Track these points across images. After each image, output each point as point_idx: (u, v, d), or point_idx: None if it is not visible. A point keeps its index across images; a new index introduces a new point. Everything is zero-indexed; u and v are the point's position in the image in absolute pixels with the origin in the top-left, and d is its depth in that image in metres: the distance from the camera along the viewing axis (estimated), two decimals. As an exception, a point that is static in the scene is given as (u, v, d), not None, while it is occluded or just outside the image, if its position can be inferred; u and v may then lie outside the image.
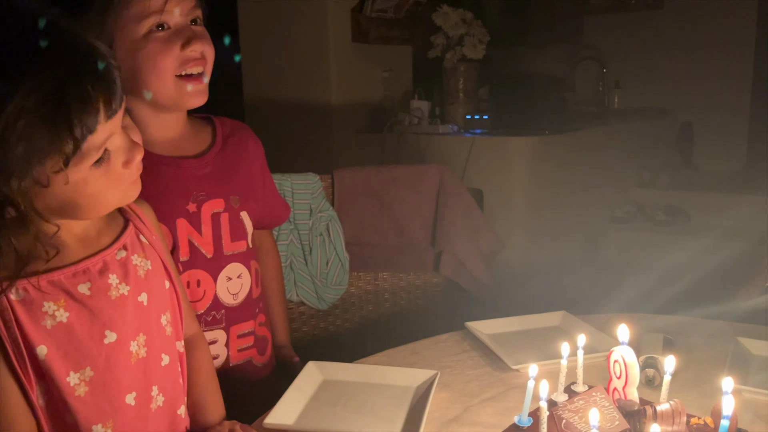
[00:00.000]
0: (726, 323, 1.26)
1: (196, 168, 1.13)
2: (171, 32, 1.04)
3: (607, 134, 2.97)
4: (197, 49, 1.05)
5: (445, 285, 1.81)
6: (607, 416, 0.85)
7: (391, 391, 1.02)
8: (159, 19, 1.02)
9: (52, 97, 0.67)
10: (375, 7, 2.68)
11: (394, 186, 1.75)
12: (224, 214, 1.14)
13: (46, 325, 0.75)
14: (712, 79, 3.35)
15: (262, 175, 1.28)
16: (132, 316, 0.82)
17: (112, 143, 0.75)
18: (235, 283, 1.16)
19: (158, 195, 1.03)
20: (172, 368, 0.88)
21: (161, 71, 1.03)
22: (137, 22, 1.01)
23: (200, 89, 1.08)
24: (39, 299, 0.74)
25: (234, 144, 1.20)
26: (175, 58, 1.04)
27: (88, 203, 0.76)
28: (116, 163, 0.77)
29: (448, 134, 2.56)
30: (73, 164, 0.71)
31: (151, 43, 1.02)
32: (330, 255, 1.62)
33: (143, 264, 0.85)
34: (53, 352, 0.75)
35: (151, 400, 0.84)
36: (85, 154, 0.71)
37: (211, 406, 0.95)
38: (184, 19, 1.05)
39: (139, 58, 1.02)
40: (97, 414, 0.78)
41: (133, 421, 0.82)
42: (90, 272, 0.79)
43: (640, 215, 3.03)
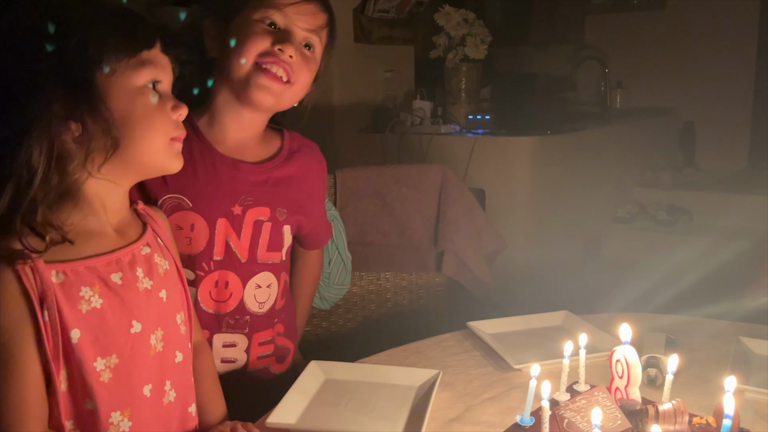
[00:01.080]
0: (728, 323, 1.26)
1: (252, 174, 1.14)
2: (276, 30, 1.09)
3: (609, 134, 2.97)
4: (287, 51, 1.08)
5: (447, 285, 1.81)
6: (609, 416, 0.85)
7: (393, 390, 1.03)
8: (274, 14, 1.09)
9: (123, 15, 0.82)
10: (377, 8, 2.68)
11: (396, 186, 1.75)
12: (267, 224, 1.15)
13: (82, 310, 0.77)
14: (715, 78, 3.35)
15: (320, 198, 1.30)
16: (154, 310, 0.85)
17: (163, 85, 0.84)
18: (263, 292, 1.16)
19: (209, 190, 1.08)
20: (185, 366, 0.90)
21: (244, 51, 1.07)
22: (255, 8, 1.09)
23: (270, 87, 1.09)
24: (77, 283, 0.77)
25: (298, 160, 1.21)
26: (263, 46, 1.08)
27: (141, 120, 0.81)
28: (167, 102, 0.84)
29: (450, 134, 2.56)
30: (133, 67, 0.80)
31: (256, 27, 1.08)
32: (332, 255, 1.62)
33: (162, 263, 0.88)
34: (85, 337, 0.77)
35: (164, 394, 0.86)
36: (143, 63, 0.80)
37: (213, 408, 0.97)
38: (296, 30, 1.10)
39: (239, 37, 1.08)
40: (118, 401, 0.80)
41: (148, 412, 0.83)
42: (122, 263, 0.82)
43: (642, 215, 3.03)
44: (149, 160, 0.84)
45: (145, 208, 0.92)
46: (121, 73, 0.78)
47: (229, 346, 1.14)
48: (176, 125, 0.85)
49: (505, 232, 2.02)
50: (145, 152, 0.82)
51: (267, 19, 1.08)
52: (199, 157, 1.11)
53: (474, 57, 2.63)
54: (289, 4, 1.08)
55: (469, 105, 2.72)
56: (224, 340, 1.13)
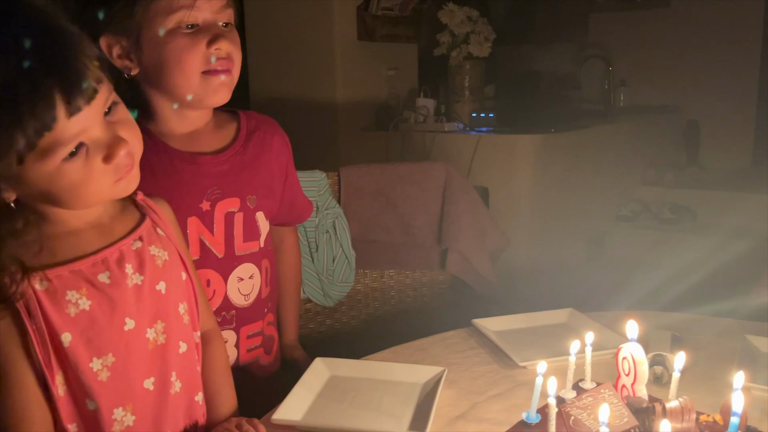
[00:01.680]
0: (734, 321, 1.26)
1: (214, 165, 1.10)
2: (198, 29, 1.02)
3: (612, 132, 2.96)
4: (223, 48, 1.03)
5: (451, 282, 1.81)
6: (615, 413, 0.85)
7: (398, 387, 1.02)
8: (188, 14, 1.01)
9: (5, 90, 0.65)
10: (381, 5, 2.68)
11: (400, 183, 1.75)
12: (239, 214, 1.12)
13: (70, 313, 0.76)
14: (718, 76, 3.34)
15: (285, 173, 1.24)
16: (148, 305, 0.83)
17: (89, 136, 0.73)
18: (246, 283, 1.15)
19: (172, 191, 1.02)
20: (189, 356, 0.89)
21: (186, 67, 1.02)
22: (165, 16, 1.00)
23: (224, 83, 1.06)
24: (62, 288, 0.76)
25: (257, 140, 1.17)
26: (201, 55, 1.02)
27: (66, 196, 0.75)
28: (95, 158, 0.74)
29: (453, 132, 2.55)
30: (35, 159, 0.69)
31: (178, 38, 1.01)
32: (336, 252, 1.62)
33: (160, 254, 0.86)
34: (77, 339, 0.76)
35: (170, 385, 0.85)
36: (48, 149, 0.69)
37: (224, 400, 0.96)
38: (214, 17, 1.03)
39: (165, 52, 1.01)
40: (119, 398, 0.80)
41: (152, 405, 0.83)
42: (108, 262, 0.80)
43: (645, 213, 3.02)
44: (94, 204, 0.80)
45: (145, 199, 0.90)
46: (23, 169, 0.70)
47: None
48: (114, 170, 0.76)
49: (509, 229, 2.02)
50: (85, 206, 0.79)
51: (182, 23, 1.01)
52: (155, 158, 1.05)
53: (478, 55, 2.62)
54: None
55: (473, 103, 2.72)
56: None
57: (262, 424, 0.88)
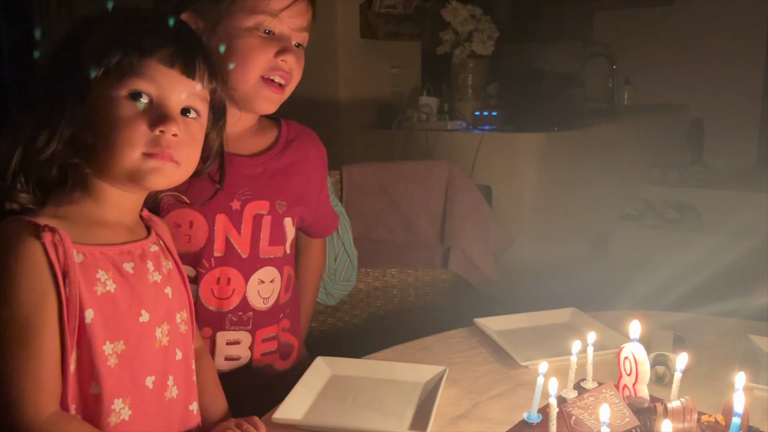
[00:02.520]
0: (737, 320, 1.26)
1: (248, 167, 1.13)
2: (273, 37, 1.06)
3: (616, 131, 2.95)
4: (289, 61, 1.07)
5: (454, 281, 1.81)
6: (617, 413, 0.84)
7: (400, 386, 1.02)
8: (269, 20, 1.05)
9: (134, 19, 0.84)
10: (383, 3, 2.68)
11: (402, 182, 1.74)
12: (267, 217, 1.14)
13: (97, 291, 0.79)
14: (723, 75, 3.33)
15: (320, 184, 1.27)
16: (161, 303, 0.86)
17: (161, 98, 0.82)
18: (267, 287, 1.15)
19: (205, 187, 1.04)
20: (185, 364, 0.90)
21: (249, 67, 1.06)
22: (247, 15, 1.04)
23: (276, 98, 1.10)
24: (95, 265, 0.79)
25: (295, 149, 1.20)
26: (266, 60, 1.06)
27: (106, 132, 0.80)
28: (146, 115, 0.81)
29: (456, 131, 2.55)
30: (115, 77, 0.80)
31: (252, 38, 1.05)
32: (338, 251, 1.62)
33: (166, 263, 0.90)
34: (97, 318, 0.78)
35: (166, 388, 0.87)
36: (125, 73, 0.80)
37: (215, 406, 0.97)
38: (290, 33, 1.08)
39: (234, 46, 1.05)
40: (121, 388, 0.81)
41: (149, 404, 0.84)
42: (133, 254, 0.85)
43: (649, 212, 3.01)
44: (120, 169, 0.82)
45: (150, 215, 0.94)
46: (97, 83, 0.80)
47: (233, 344, 1.13)
48: (151, 141, 0.81)
49: (512, 229, 2.02)
50: (115, 161, 0.82)
51: (261, 27, 1.05)
52: None
53: (481, 53, 2.62)
54: (284, 8, 1.06)
55: (476, 101, 2.71)
56: (228, 338, 1.12)
57: (262, 423, 0.88)
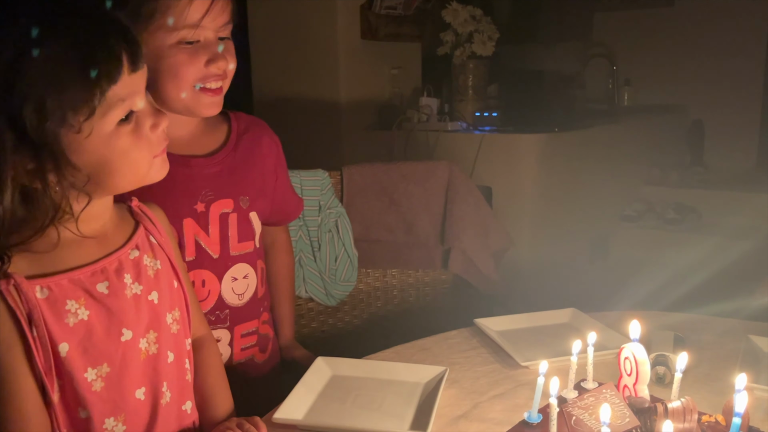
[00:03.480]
0: (737, 321, 1.26)
1: (206, 167, 1.12)
2: (199, 45, 1.04)
3: (617, 132, 2.95)
4: (221, 67, 1.05)
5: (454, 282, 1.81)
6: (617, 413, 0.84)
7: (400, 387, 1.02)
8: (191, 33, 1.02)
9: (80, 45, 0.72)
10: (384, 4, 2.68)
11: (403, 183, 1.74)
12: (233, 215, 1.14)
13: (69, 323, 0.76)
14: (723, 76, 3.33)
15: (275, 172, 1.26)
16: (144, 315, 0.84)
17: (137, 105, 0.78)
18: (240, 283, 1.16)
19: (166, 194, 1.02)
20: (177, 365, 0.89)
21: (181, 81, 1.03)
22: (168, 32, 1.01)
23: (216, 101, 1.08)
24: (62, 297, 0.76)
25: (248, 141, 1.19)
26: (197, 71, 1.04)
27: (120, 162, 0.77)
28: (144, 125, 0.79)
29: (457, 131, 2.55)
30: (99, 115, 0.73)
31: (178, 53, 1.02)
32: (339, 251, 1.62)
33: (153, 264, 0.87)
34: (74, 350, 0.76)
35: (161, 395, 0.86)
36: (111, 106, 0.74)
37: (220, 402, 0.96)
38: (215, 35, 1.05)
39: (162, 65, 1.02)
40: (111, 408, 0.80)
41: (143, 415, 0.83)
42: (107, 271, 0.81)
43: (650, 213, 3.01)
44: (131, 185, 0.82)
45: (140, 206, 0.90)
46: (88, 128, 0.73)
47: None
48: (157, 142, 0.81)
49: (512, 229, 2.02)
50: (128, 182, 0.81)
51: (184, 40, 1.02)
52: None
53: (481, 54, 2.62)
54: (202, 16, 1.01)
55: (477, 102, 2.71)
56: None
57: (263, 423, 0.88)
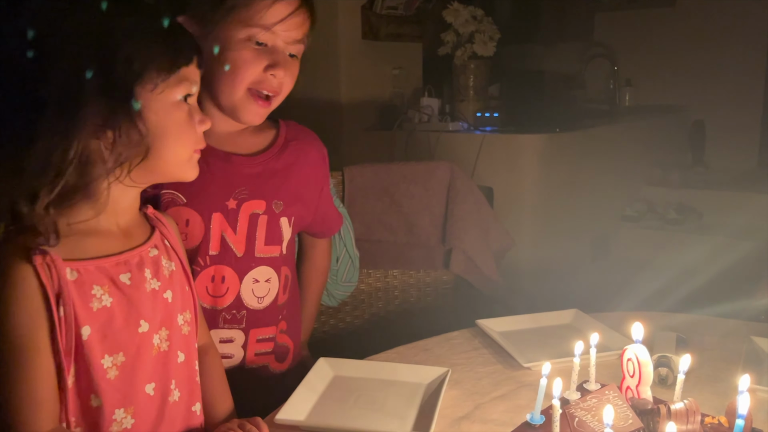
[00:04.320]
0: (739, 322, 1.25)
1: (246, 166, 1.13)
2: (265, 49, 1.05)
3: (618, 132, 2.95)
4: (279, 76, 1.06)
5: (455, 282, 1.81)
6: (620, 415, 0.84)
7: (402, 387, 1.02)
8: (262, 33, 1.03)
9: (166, 28, 0.82)
10: (385, 5, 2.68)
11: (404, 183, 1.74)
12: (263, 217, 1.14)
13: (93, 307, 0.78)
14: (725, 76, 3.32)
15: (321, 185, 1.26)
16: (159, 310, 0.86)
17: (193, 98, 0.87)
18: (262, 286, 1.15)
19: (203, 185, 1.04)
20: (187, 366, 0.90)
21: (236, 80, 1.05)
22: (241, 26, 1.03)
23: (262, 112, 1.10)
24: (89, 281, 0.79)
25: (295, 149, 1.20)
26: (256, 73, 1.05)
27: (175, 135, 0.84)
28: (195, 115, 0.87)
29: (458, 132, 2.55)
30: (172, 82, 0.82)
31: (244, 50, 1.04)
32: (340, 252, 1.62)
33: (168, 265, 0.89)
34: (95, 334, 0.78)
35: (169, 393, 0.87)
36: (181, 80, 0.83)
37: (221, 404, 0.97)
38: (284, 46, 1.06)
39: (225, 57, 1.03)
40: (122, 399, 0.81)
41: (151, 410, 0.84)
42: (130, 264, 0.84)
43: (651, 214, 3.01)
44: (173, 169, 0.87)
45: (155, 213, 0.93)
46: (161, 89, 0.81)
47: (226, 342, 1.13)
48: (200, 138, 0.88)
49: (513, 229, 2.01)
50: (170, 162, 0.85)
51: (254, 39, 1.04)
52: None
53: (482, 54, 2.62)
54: (278, 21, 1.04)
55: (478, 102, 2.71)
56: (221, 336, 1.13)
57: (265, 424, 0.88)
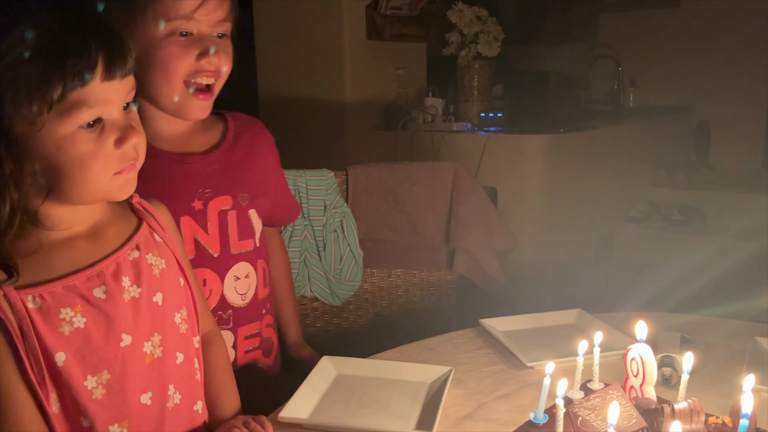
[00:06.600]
0: (743, 323, 1.25)
1: (204, 164, 1.11)
2: (192, 39, 1.02)
3: (622, 133, 2.95)
4: (213, 62, 1.03)
5: (459, 282, 1.81)
6: (624, 414, 0.84)
7: (405, 387, 1.02)
8: (185, 24, 1.00)
9: (52, 38, 0.68)
10: (390, 5, 2.68)
11: (408, 183, 1.74)
12: (231, 212, 1.12)
13: (64, 332, 0.74)
14: (729, 77, 3.32)
15: (275, 173, 1.26)
16: (145, 318, 0.81)
17: (108, 113, 0.74)
18: (243, 282, 1.15)
19: (163, 192, 1.01)
20: (187, 366, 0.88)
21: (171, 77, 1.02)
22: (161, 22, 0.99)
23: (206, 104, 1.06)
24: (56, 306, 0.74)
25: (246, 140, 1.18)
26: (188, 65, 1.02)
27: (71, 170, 0.73)
28: (108, 137, 0.75)
29: (462, 132, 2.55)
30: (59, 114, 0.70)
31: (170, 45, 1.00)
32: (344, 251, 1.62)
33: (158, 263, 0.84)
34: (71, 358, 0.75)
35: (167, 398, 0.84)
36: (73, 107, 0.70)
37: (227, 401, 0.95)
38: (210, 30, 1.03)
39: (154, 57, 1.00)
40: (114, 415, 0.78)
41: (149, 419, 0.82)
42: (104, 275, 0.78)
43: (655, 215, 3.00)
44: (95, 195, 0.78)
45: (141, 202, 0.88)
46: (42, 123, 0.70)
47: None
48: (120, 158, 0.76)
49: (517, 230, 2.01)
50: (82, 193, 0.76)
51: (177, 31, 1.00)
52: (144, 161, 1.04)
53: (487, 54, 2.62)
54: (196, 8, 0.99)
55: (482, 103, 2.71)
56: None
57: (269, 422, 0.88)
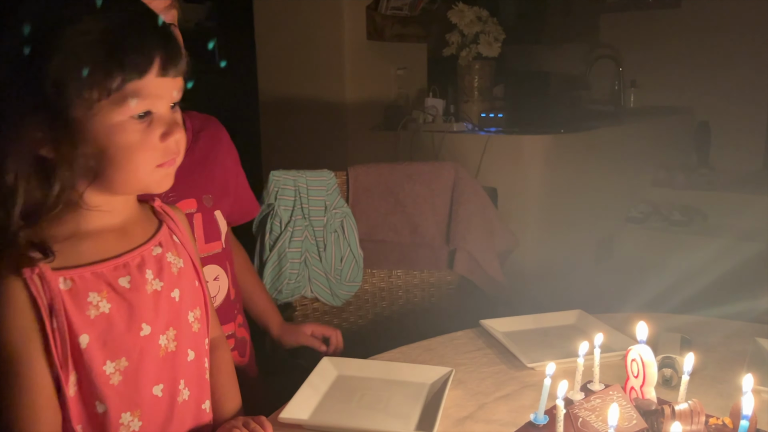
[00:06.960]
0: (744, 323, 1.25)
1: None
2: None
3: (622, 133, 2.95)
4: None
5: (459, 282, 1.81)
6: (624, 415, 0.84)
7: (406, 387, 1.02)
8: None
9: (117, 32, 0.72)
10: (390, 5, 2.68)
11: (408, 183, 1.74)
12: (197, 215, 1.11)
13: (90, 315, 0.77)
14: (730, 78, 3.32)
15: (236, 170, 1.23)
16: (163, 311, 0.84)
17: (158, 108, 0.78)
18: (212, 285, 1.13)
19: None
20: (197, 364, 0.89)
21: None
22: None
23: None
24: (84, 289, 0.77)
25: (206, 139, 1.15)
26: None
27: (118, 157, 0.76)
28: (155, 130, 0.78)
29: (462, 132, 2.55)
30: (114, 102, 0.73)
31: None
32: (344, 251, 1.62)
33: (176, 261, 0.87)
34: (94, 342, 0.77)
35: (178, 393, 0.86)
36: (127, 97, 0.74)
37: (229, 401, 0.96)
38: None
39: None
40: (128, 403, 0.80)
41: (160, 411, 0.83)
42: (129, 266, 0.81)
43: (655, 215, 3.00)
44: (134, 186, 0.81)
45: (162, 206, 0.91)
46: (98, 109, 0.73)
47: None
48: (163, 152, 0.80)
49: (518, 230, 2.01)
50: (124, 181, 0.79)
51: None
52: None
53: (487, 55, 2.62)
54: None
55: (482, 103, 2.71)
56: None
57: (269, 423, 0.88)
